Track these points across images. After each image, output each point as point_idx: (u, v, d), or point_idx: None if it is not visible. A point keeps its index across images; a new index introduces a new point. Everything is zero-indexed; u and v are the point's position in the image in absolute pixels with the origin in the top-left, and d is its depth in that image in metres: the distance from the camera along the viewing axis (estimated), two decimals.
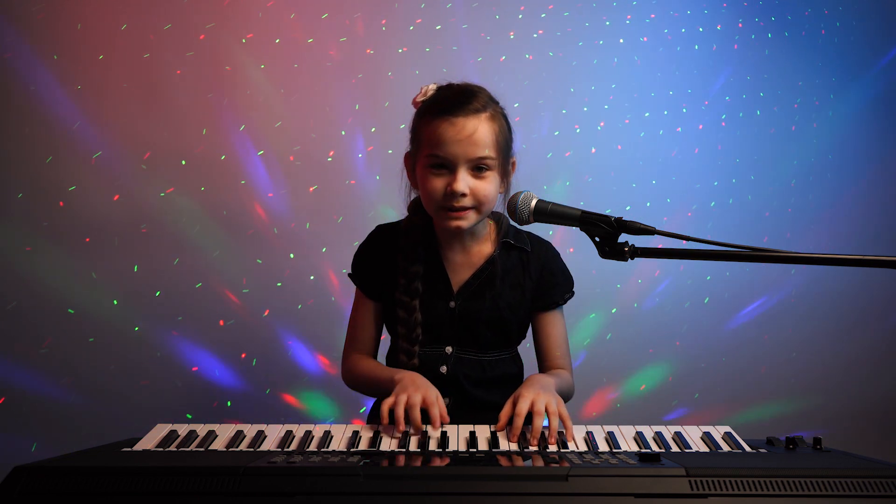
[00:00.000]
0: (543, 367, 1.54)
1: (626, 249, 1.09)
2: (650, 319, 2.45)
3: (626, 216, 1.10)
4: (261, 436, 1.17)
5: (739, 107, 2.54)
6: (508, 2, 2.45)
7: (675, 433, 1.20)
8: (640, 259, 1.10)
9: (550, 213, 1.16)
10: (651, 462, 0.95)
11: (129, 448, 1.11)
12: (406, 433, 1.19)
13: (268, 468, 0.92)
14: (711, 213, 2.50)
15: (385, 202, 2.33)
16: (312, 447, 1.14)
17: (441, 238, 1.49)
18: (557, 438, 1.17)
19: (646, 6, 2.51)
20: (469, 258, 1.49)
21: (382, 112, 2.36)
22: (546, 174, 2.44)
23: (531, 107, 2.44)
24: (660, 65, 2.51)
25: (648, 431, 1.21)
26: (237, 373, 2.27)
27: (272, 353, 2.29)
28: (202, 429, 1.20)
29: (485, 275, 1.48)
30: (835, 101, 2.58)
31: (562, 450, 1.13)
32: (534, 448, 1.15)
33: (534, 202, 1.18)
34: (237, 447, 1.13)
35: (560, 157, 2.45)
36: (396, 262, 1.48)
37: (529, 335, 1.58)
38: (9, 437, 2.12)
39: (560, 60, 2.46)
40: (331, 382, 2.30)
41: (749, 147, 2.54)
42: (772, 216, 2.53)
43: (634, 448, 1.14)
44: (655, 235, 1.07)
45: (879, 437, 2.47)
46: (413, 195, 1.53)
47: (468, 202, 1.36)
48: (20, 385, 2.15)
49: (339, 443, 1.16)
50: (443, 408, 1.24)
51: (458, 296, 1.48)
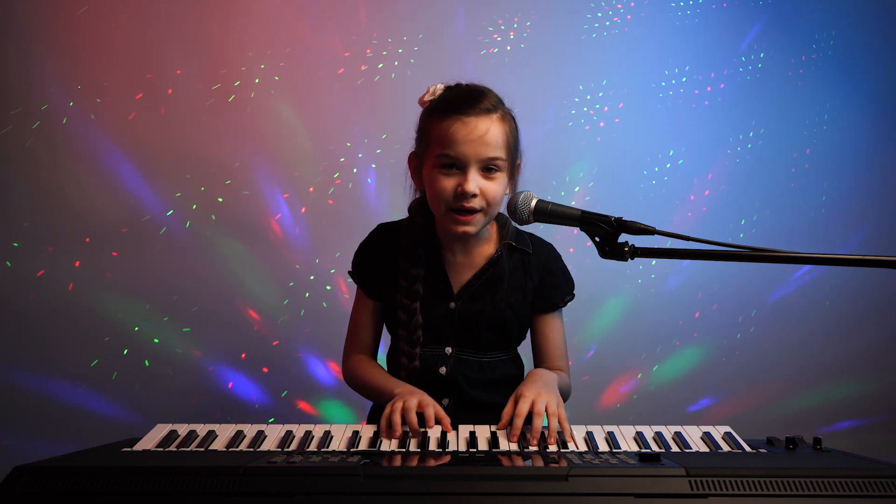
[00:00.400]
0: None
1: (626, 249, 1.09)
2: (650, 320, 2.45)
3: (626, 216, 1.10)
4: (261, 436, 1.17)
5: (740, 107, 2.54)
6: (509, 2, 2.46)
7: (675, 433, 1.20)
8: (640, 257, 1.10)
9: (550, 214, 1.16)
10: (651, 462, 0.95)
11: (129, 448, 1.12)
12: (406, 433, 1.20)
13: (268, 468, 0.92)
14: (711, 214, 2.50)
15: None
16: (312, 447, 1.14)
17: (442, 239, 1.49)
18: (557, 438, 1.17)
19: (648, 10, 2.51)
20: (470, 259, 1.49)
21: (391, 117, 2.36)
22: (546, 174, 2.43)
23: (531, 107, 2.44)
24: (660, 66, 2.51)
25: (648, 431, 1.21)
26: (237, 373, 2.27)
27: (272, 351, 2.29)
28: (202, 429, 1.20)
29: (486, 276, 1.48)
30: (835, 102, 2.58)
31: (562, 450, 1.13)
32: (534, 448, 1.15)
33: (534, 202, 1.18)
34: (237, 447, 1.14)
35: (560, 157, 2.45)
36: (397, 262, 1.48)
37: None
38: (9, 437, 2.12)
39: (560, 61, 2.46)
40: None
41: (748, 148, 2.54)
42: (772, 216, 2.53)
43: (634, 448, 1.14)
44: (655, 235, 1.07)
45: (879, 437, 2.47)
46: (415, 196, 1.52)
47: (478, 203, 1.36)
48: (20, 385, 2.15)
49: (339, 443, 1.17)
50: (442, 414, 1.25)
51: (459, 297, 1.48)
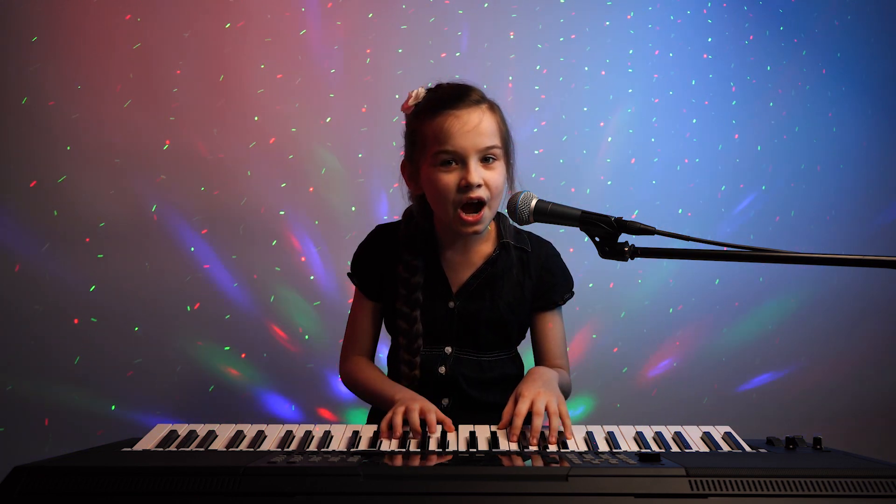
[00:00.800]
0: None
1: (626, 249, 1.09)
2: (649, 319, 2.45)
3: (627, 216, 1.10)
4: (261, 436, 1.17)
5: (740, 108, 2.54)
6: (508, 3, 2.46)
7: (675, 433, 1.20)
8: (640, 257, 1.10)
9: (550, 213, 1.16)
10: (651, 462, 0.95)
11: (129, 448, 1.12)
12: (406, 434, 1.20)
13: (268, 468, 0.92)
14: (711, 214, 2.50)
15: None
16: (312, 447, 1.14)
17: (442, 238, 1.49)
18: (557, 438, 1.17)
19: (649, 12, 2.51)
20: (469, 258, 1.49)
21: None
22: (545, 174, 2.43)
23: (530, 106, 2.44)
24: (660, 64, 2.51)
25: (648, 431, 1.21)
26: (238, 372, 2.27)
27: (272, 352, 2.29)
28: (202, 429, 1.20)
29: (485, 275, 1.48)
30: (835, 101, 2.58)
31: (562, 450, 1.13)
32: (534, 448, 1.15)
33: (534, 202, 1.18)
34: (237, 447, 1.14)
35: (560, 157, 2.45)
36: (396, 264, 1.48)
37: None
38: (9, 437, 2.12)
39: (560, 60, 2.46)
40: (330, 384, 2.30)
41: (749, 148, 2.54)
42: (771, 216, 2.53)
43: (634, 448, 1.14)
44: (655, 235, 1.07)
45: (879, 437, 2.47)
46: (409, 203, 1.52)
47: (483, 193, 1.36)
48: (20, 385, 2.15)
49: (339, 443, 1.17)
50: (442, 416, 1.25)
51: (458, 296, 1.48)
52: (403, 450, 1.12)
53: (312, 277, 2.32)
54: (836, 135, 2.57)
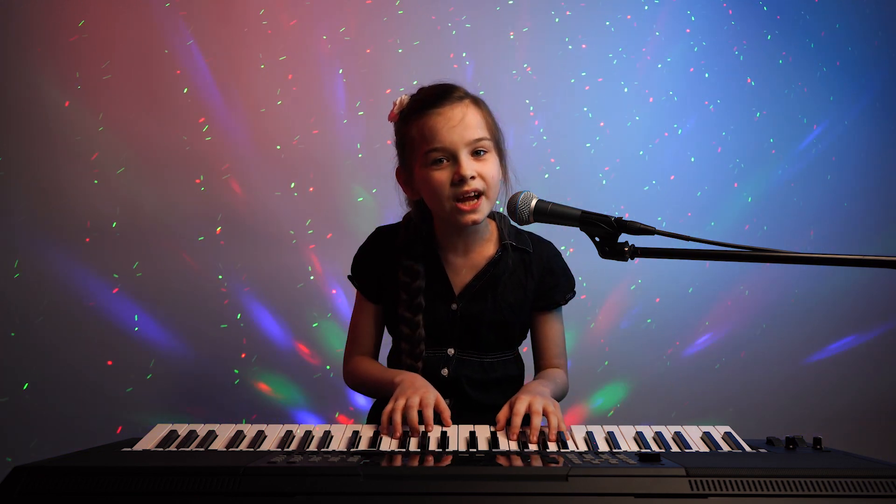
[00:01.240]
0: (540, 366, 1.54)
1: (626, 249, 1.09)
2: (648, 319, 2.45)
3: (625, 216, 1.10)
4: (261, 436, 1.17)
5: (740, 108, 2.54)
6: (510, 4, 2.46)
7: (675, 433, 1.20)
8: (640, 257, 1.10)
9: (550, 213, 1.16)
10: (651, 462, 0.95)
11: (129, 448, 1.11)
12: (406, 433, 1.20)
13: (268, 468, 0.92)
14: (711, 214, 2.50)
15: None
16: (312, 447, 1.14)
17: (442, 240, 1.49)
18: (557, 438, 1.17)
19: (649, 9, 2.51)
20: (471, 260, 1.49)
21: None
22: (545, 174, 2.43)
23: (528, 107, 2.44)
24: (660, 64, 2.51)
25: (648, 431, 1.21)
26: (238, 372, 2.27)
27: (271, 352, 2.29)
28: (202, 429, 1.20)
29: (487, 276, 1.48)
30: (835, 101, 2.58)
31: (562, 450, 1.13)
32: (534, 447, 1.15)
33: (534, 202, 1.18)
34: (237, 447, 1.13)
35: (560, 159, 2.45)
36: (395, 267, 1.47)
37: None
38: (9, 437, 2.12)
39: (558, 61, 2.47)
40: (327, 381, 2.31)
41: (749, 148, 2.54)
42: (772, 216, 2.53)
43: (634, 448, 1.14)
44: (655, 235, 1.07)
45: (879, 437, 2.47)
46: (407, 209, 1.53)
47: (478, 185, 1.36)
48: (20, 385, 2.15)
49: (339, 443, 1.17)
50: (442, 406, 1.25)
51: (461, 298, 1.48)
52: (403, 450, 1.12)
53: (313, 278, 2.33)
54: (836, 133, 2.57)
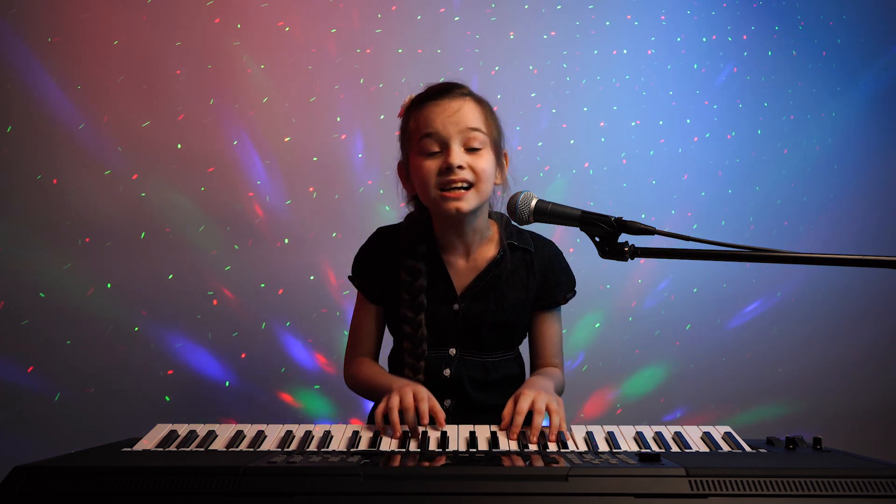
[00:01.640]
0: (537, 365, 1.54)
1: (626, 249, 1.09)
2: (649, 319, 2.45)
3: (625, 216, 1.10)
4: (261, 436, 1.17)
5: (740, 107, 2.54)
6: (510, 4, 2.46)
7: (675, 433, 1.20)
8: (640, 257, 1.10)
9: (550, 213, 1.16)
10: (651, 462, 0.95)
11: (129, 448, 1.11)
12: (406, 433, 1.19)
13: (268, 468, 0.92)
14: (711, 214, 2.50)
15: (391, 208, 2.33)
16: (312, 447, 1.14)
17: (443, 241, 1.48)
18: (557, 438, 1.17)
19: (649, 9, 2.51)
20: (473, 261, 1.49)
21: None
22: (544, 174, 2.44)
23: (529, 107, 2.44)
24: (660, 64, 2.51)
25: (648, 431, 1.21)
26: (236, 372, 2.27)
27: (270, 353, 2.29)
28: (202, 429, 1.20)
29: (489, 277, 1.48)
30: (834, 101, 2.58)
31: (562, 450, 1.13)
32: (534, 447, 1.15)
33: (534, 202, 1.17)
34: (237, 447, 1.13)
35: (560, 158, 2.45)
36: (397, 268, 1.47)
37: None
38: (9, 437, 2.12)
39: (560, 62, 2.47)
40: (327, 381, 2.30)
41: (749, 148, 2.54)
42: (772, 216, 2.53)
43: (634, 448, 1.14)
44: (655, 235, 1.07)
45: (879, 437, 2.47)
46: (409, 208, 1.53)
47: (467, 175, 1.36)
48: (20, 385, 2.15)
49: (339, 443, 1.16)
50: (436, 407, 1.25)
51: (463, 298, 1.47)
52: (403, 450, 1.12)
53: (313, 278, 2.33)
54: (836, 133, 2.57)
